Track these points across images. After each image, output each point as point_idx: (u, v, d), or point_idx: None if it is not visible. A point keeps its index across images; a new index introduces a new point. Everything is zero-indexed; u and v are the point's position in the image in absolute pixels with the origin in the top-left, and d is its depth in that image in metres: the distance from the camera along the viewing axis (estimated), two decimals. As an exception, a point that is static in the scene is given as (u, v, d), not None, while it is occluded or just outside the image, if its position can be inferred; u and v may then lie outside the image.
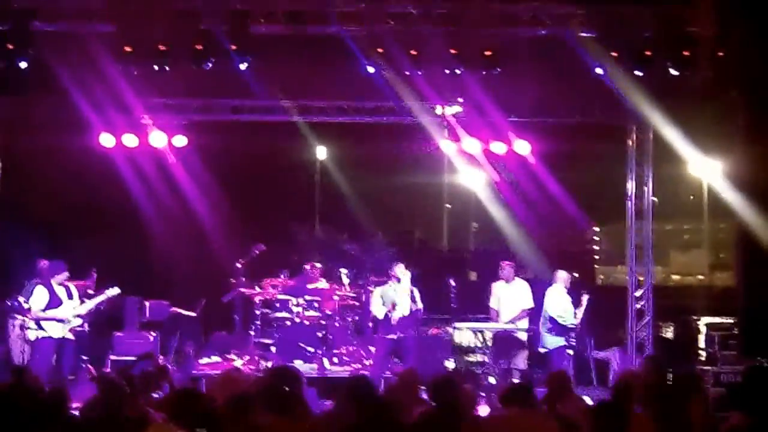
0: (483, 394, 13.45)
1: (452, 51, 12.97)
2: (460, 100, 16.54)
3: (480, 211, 22.01)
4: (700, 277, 28.15)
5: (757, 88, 12.01)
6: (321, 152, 23.07)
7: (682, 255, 30.68)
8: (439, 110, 16.97)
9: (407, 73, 13.66)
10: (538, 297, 15.64)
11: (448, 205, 28.82)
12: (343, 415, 7.71)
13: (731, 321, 15.37)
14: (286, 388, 8.90)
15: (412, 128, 17.40)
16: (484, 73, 13.23)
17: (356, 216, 22.30)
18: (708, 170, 18.94)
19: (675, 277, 30.77)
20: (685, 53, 12.20)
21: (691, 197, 25.92)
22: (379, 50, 13.20)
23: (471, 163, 18.33)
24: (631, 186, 17.06)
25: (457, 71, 13.13)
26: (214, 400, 8.98)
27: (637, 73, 12.80)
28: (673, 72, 12.34)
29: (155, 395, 11.12)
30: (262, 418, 8.09)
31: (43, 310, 13.77)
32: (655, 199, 17.01)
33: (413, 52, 13.11)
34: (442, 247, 28.90)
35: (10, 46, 12.74)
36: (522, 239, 20.84)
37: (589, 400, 10.17)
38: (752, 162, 12.72)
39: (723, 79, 12.39)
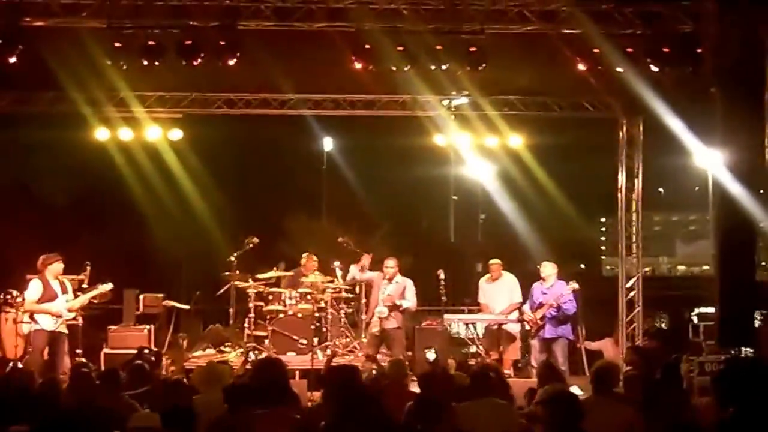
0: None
1: (438, 47, 13.06)
2: (461, 93, 16.65)
3: (487, 203, 22.03)
4: (706, 267, 28.11)
5: (736, 84, 12.02)
6: (327, 144, 23.18)
7: (687, 246, 30.69)
8: (444, 103, 17.06)
9: (393, 68, 13.72)
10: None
11: (454, 197, 28.85)
12: (329, 406, 7.81)
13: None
14: (273, 380, 9.08)
15: (419, 120, 17.49)
16: (468, 69, 13.34)
17: (363, 207, 22.38)
18: (712, 161, 18.88)
19: (681, 267, 30.82)
20: (665, 50, 12.27)
21: (697, 188, 25.90)
22: (367, 47, 13.29)
23: (477, 154, 18.45)
24: (621, 178, 17.20)
25: (443, 67, 13.25)
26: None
27: (618, 69, 12.90)
28: (654, 68, 12.44)
29: (144, 388, 11.31)
30: (250, 410, 8.24)
31: (37, 303, 13.79)
32: (662, 189, 17.07)
33: (400, 48, 13.20)
34: (449, 238, 28.93)
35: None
36: (529, 231, 20.91)
37: (578, 390, 10.23)
38: (735, 154, 12.75)
39: (703, 76, 12.45)
